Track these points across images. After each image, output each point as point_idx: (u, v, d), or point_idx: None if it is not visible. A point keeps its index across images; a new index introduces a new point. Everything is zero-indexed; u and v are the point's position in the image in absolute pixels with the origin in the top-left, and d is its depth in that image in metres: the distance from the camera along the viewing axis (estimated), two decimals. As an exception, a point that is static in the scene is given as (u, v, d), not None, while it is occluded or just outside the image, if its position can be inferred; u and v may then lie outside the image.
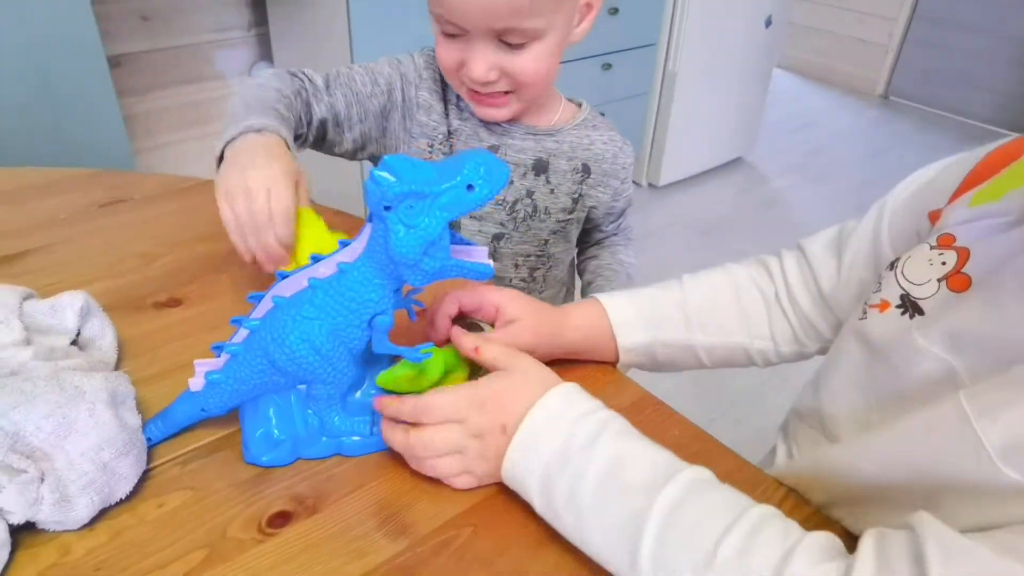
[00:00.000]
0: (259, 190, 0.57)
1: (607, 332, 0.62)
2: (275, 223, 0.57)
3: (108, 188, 0.86)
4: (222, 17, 2.01)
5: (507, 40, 0.69)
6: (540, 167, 0.83)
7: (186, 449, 0.52)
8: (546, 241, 0.87)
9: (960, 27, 3.72)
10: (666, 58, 2.52)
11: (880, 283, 0.53)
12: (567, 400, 0.48)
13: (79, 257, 0.73)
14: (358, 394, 0.52)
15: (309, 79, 0.77)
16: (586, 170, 0.84)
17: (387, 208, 0.44)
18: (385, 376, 0.51)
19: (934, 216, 0.54)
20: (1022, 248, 0.45)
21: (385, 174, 0.44)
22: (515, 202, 0.84)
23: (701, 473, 0.44)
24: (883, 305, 0.52)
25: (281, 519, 0.47)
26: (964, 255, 0.49)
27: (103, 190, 0.85)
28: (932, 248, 0.50)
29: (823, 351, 0.65)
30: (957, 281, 0.48)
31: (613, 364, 0.64)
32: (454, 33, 0.70)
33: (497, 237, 0.85)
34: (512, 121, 0.81)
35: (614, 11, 2.26)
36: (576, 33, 0.75)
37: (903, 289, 0.50)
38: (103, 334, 0.58)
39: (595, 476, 0.44)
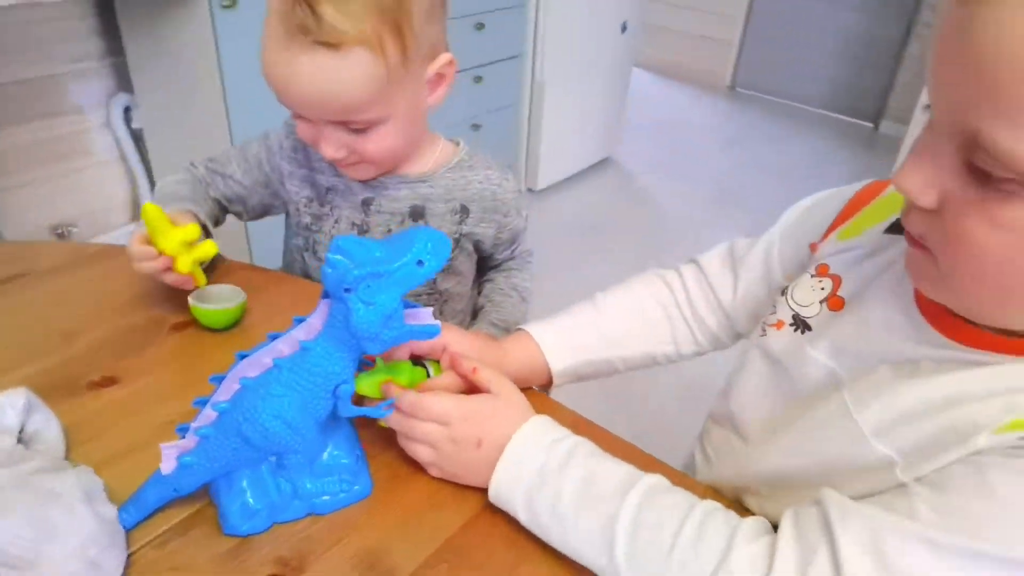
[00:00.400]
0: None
1: (540, 361, 0.70)
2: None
3: (3, 262, 0.83)
4: (72, 47, 1.90)
5: (350, 127, 0.72)
6: (416, 213, 0.85)
7: (160, 531, 0.53)
8: (434, 281, 0.89)
9: (793, 22, 4.09)
10: (533, 68, 2.63)
11: (775, 306, 0.63)
12: (543, 429, 0.56)
13: (-8, 341, 0.71)
14: (324, 456, 0.56)
15: (197, 171, 0.88)
16: (464, 210, 0.86)
17: (347, 290, 0.48)
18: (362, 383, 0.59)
19: (813, 247, 0.65)
20: (877, 274, 0.56)
21: (339, 257, 0.48)
22: None
23: (656, 479, 0.53)
24: (779, 324, 0.62)
25: (272, 583, 0.50)
26: (837, 281, 0.59)
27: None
28: (812, 276, 0.61)
29: (716, 348, 0.76)
30: (834, 302, 0.59)
31: (545, 386, 0.72)
32: (301, 115, 0.73)
33: None
34: (385, 173, 0.83)
35: (480, 26, 2.34)
36: (432, 100, 0.77)
37: (793, 310, 0.61)
38: (48, 426, 0.58)
39: (571, 492, 0.51)
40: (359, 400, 0.60)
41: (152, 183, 2.16)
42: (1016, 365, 0.46)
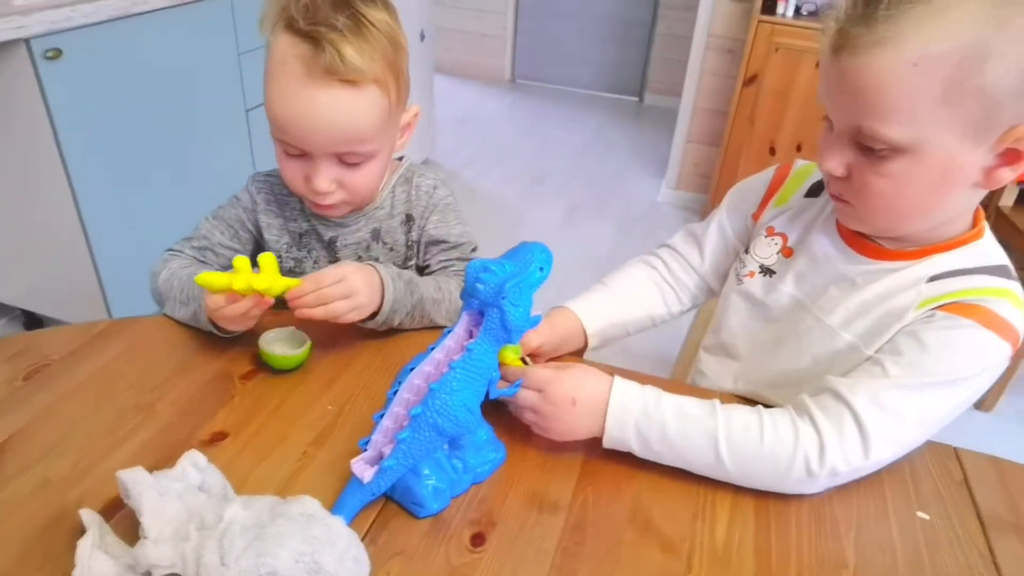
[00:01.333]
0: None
1: (578, 325, 0.89)
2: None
3: (7, 359, 0.81)
4: None
5: (345, 160, 0.84)
6: (376, 235, 0.97)
7: (363, 531, 0.63)
8: None
9: (555, 12, 4.50)
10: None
11: (743, 262, 0.88)
12: (626, 383, 0.72)
13: (68, 432, 0.72)
14: (481, 432, 0.69)
15: (184, 254, 0.94)
16: (409, 219, 0.97)
17: (503, 297, 0.62)
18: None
19: (755, 217, 0.90)
20: (808, 225, 0.83)
21: (486, 275, 0.62)
22: None
23: (717, 400, 0.72)
24: (751, 274, 0.87)
25: (479, 538, 0.63)
26: (784, 237, 0.85)
27: (2, 363, 0.80)
28: (765, 237, 0.86)
29: (695, 305, 0.99)
30: (786, 252, 0.84)
31: (579, 352, 0.90)
32: (296, 153, 0.83)
33: None
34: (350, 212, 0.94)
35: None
36: (398, 145, 0.91)
37: (759, 262, 0.86)
38: (217, 479, 0.64)
39: (672, 420, 0.69)
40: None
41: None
42: (910, 268, 0.74)
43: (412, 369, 0.65)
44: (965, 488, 0.74)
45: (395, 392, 0.65)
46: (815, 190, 0.85)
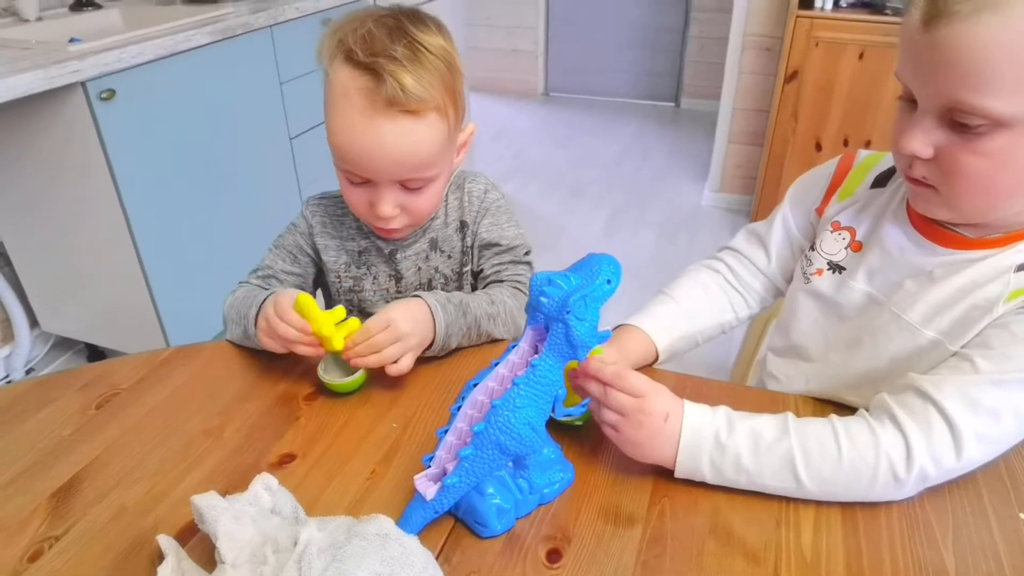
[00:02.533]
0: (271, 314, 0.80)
1: (648, 343, 0.86)
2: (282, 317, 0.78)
3: (79, 389, 0.83)
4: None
5: (408, 186, 0.85)
6: (434, 245, 0.97)
7: (436, 551, 0.62)
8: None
9: (586, 24, 4.50)
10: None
11: (810, 260, 0.84)
12: (697, 410, 0.69)
13: (141, 459, 0.73)
14: (546, 451, 0.67)
15: (250, 285, 0.94)
16: (463, 225, 0.98)
17: (568, 312, 0.60)
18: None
19: (819, 211, 0.87)
20: (877, 217, 0.79)
21: (552, 288, 0.60)
22: (429, 281, 1.00)
23: (790, 415, 0.69)
24: (819, 272, 0.83)
25: (555, 555, 0.61)
26: (852, 231, 0.81)
27: (75, 393, 0.82)
28: (831, 232, 0.83)
29: (763, 308, 0.96)
30: (855, 246, 0.81)
31: (651, 364, 0.87)
32: (360, 182, 0.84)
33: None
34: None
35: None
36: (456, 163, 0.91)
37: (826, 259, 0.82)
38: (287, 500, 0.63)
39: (746, 449, 0.66)
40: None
41: (24, 300, 2.02)
42: (995, 257, 0.70)
43: (476, 384, 0.64)
44: (1068, 486, 0.69)
45: (459, 407, 0.64)
46: (881, 180, 0.81)
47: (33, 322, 2.08)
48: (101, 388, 0.83)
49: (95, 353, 2.19)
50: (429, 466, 0.63)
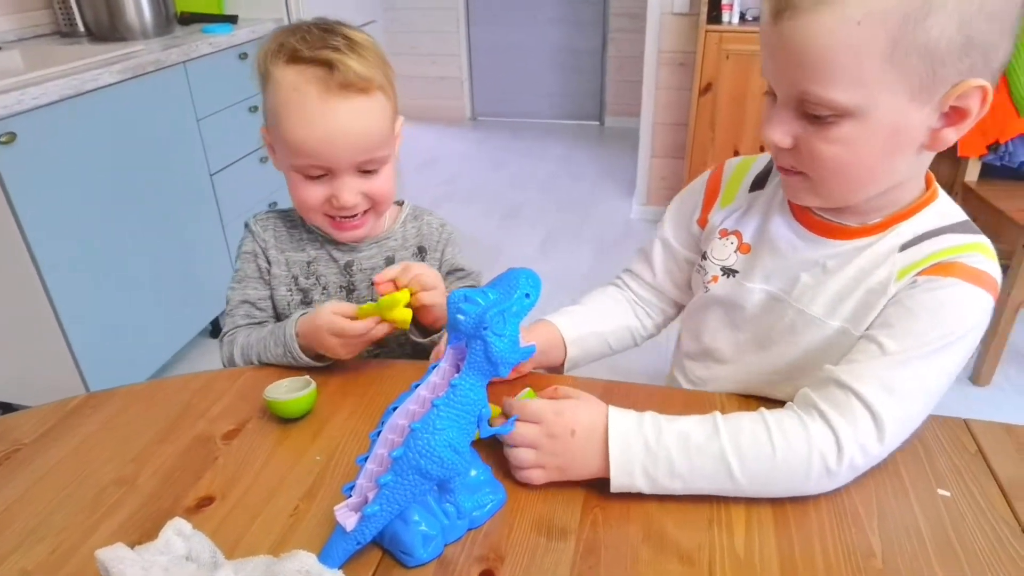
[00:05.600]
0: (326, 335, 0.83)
1: (558, 337, 0.89)
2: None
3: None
4: None
5: (365, 168, 0.87)
6: (389, 262, 1.00)
7: (366, 583, 0.60)
8: None
9: (509, 50, 4.57)
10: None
11: (704, 268, 0.86)
12: (622, 415, 0.68)
13: (46, 516, 0.68)
14: (473, 473, 0.65)
15: (239, 327, 0.97)
16: (421, 251, 1.02)
17: (484, 328, 0.59)
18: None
19: (701, 222, 0.89)
20: (762, 217, 0.82)
21: (468, 306, 0.59)
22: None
23: (718, 413, 0.69)
24: (714, 279, 0.85)
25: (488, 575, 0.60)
26: (739, 235, 0.84)
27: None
28: (720, 239, 0.85)
29: (667, 320, 1.00)
30: (743, 248, 0.83)
31: (558, 368, 0.89)
32: (318, 175, 0.86)
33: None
34: (364, 238, 0.98)
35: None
36: (395, 151, 0.94)
37: (719, 265, 0.84)
38: (205, 545, 0.60)
39: (677, 453, 0.65)
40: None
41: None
42: (879, 242, 0.73)
43: (396, 408, 0.62)
44: (981, 459, 0.72)
45: (379, 433, 0.62)
46: (759, 182, 0.85)
47: (-61, 384, 1.94)
48: (1, 445, 0.77)
49: (7, 409, 2.07)
50: (350, 495, 0.61)
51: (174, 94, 2.04)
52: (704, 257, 0.87)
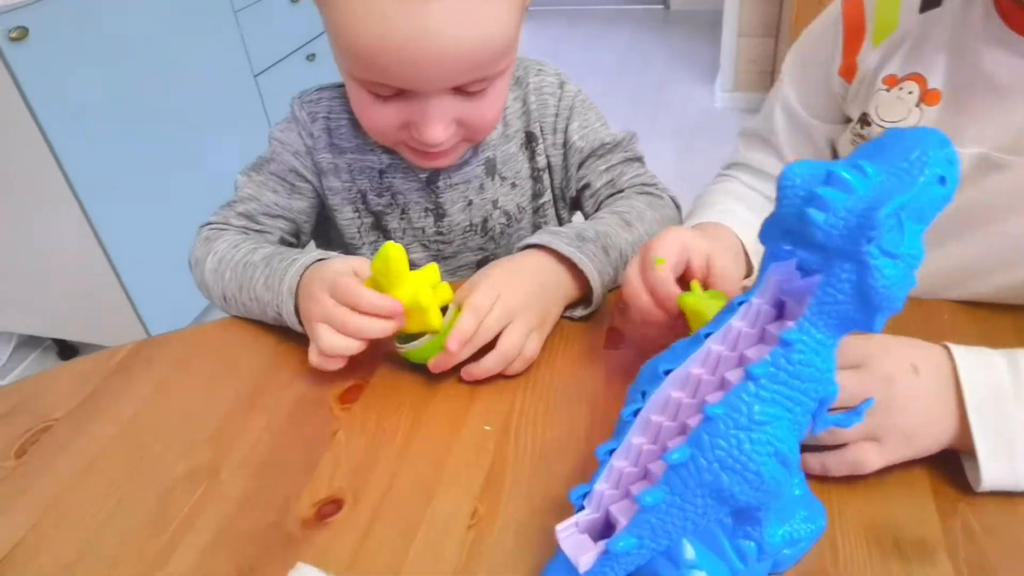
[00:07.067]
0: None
1: (737, 241, 0.62)
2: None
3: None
4: None
5: (468, 90, 0.56)
6: (491, 168, 0.70)
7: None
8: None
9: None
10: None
11: (869, 137, 0.58)
12: (969, 351, 0.42)
13: (91, 536, 0.44)
14: (794, 490, 0.39)
15: (229, 229, 0.67)
16: (530, 139, 0.71)
17: (871, 240, 0.31)
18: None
19: (846, 71, 0.62)
20: (952, 49, 0.54)
21: (832, 192, 0.31)
22: (484, 220, 0.72)
23: None
24: None
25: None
26: (919, 79, 0.56)
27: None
28: (887, 91, 0.58)
29: None
30: (930, 98, 0.56)
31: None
32: (391, 95, 0.56)
33: (482, 263, 0.72)
34: None
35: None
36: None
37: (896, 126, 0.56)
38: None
39: None
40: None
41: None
42: None
43: (668, 372, 0.35)
44: None
45: (634, 413, 0.35)
46: (933, 2, 0.56)
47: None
48: (23, 420, 0.54)
49: (67, 349, 1.89)
50: (582, 507, 0.35)
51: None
52: (866, 123, 0.59)
